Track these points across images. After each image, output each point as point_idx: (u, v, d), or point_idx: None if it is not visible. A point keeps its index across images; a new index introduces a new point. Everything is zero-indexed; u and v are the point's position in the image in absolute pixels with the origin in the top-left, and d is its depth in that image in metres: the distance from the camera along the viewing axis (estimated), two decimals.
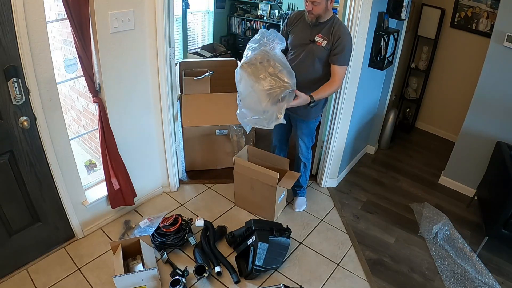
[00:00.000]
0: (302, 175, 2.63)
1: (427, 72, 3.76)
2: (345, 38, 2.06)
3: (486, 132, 2.75)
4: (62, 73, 2.33)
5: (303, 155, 2.53)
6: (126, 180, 2.36)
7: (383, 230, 2.60)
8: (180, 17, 5.09)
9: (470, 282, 2.19)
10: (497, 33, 2.50)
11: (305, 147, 2.49)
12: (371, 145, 3.57)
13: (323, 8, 2.01)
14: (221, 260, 2.18)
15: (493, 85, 2.62)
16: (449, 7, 3.44)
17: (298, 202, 2.70)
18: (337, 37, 2.05)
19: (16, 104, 1.73)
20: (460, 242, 2.46)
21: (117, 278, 1.83)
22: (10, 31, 1.58)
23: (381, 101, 3.34)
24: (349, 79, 2.52)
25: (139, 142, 2.45)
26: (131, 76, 2.21)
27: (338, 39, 2.05)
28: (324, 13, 2.05)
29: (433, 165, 3.42)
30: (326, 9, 2.03)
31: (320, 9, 2.01)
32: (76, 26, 1.77)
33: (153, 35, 2.19)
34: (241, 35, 6.04)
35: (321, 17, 2.06)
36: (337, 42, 2.05)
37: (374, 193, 3.00)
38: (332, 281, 2.16)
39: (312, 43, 2.12)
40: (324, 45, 2.09)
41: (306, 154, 2.54)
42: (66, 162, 2.07)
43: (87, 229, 2.35)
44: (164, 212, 2.53)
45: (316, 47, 2.11)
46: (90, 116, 2.77)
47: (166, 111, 2.46)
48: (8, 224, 1.94)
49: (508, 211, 2.18)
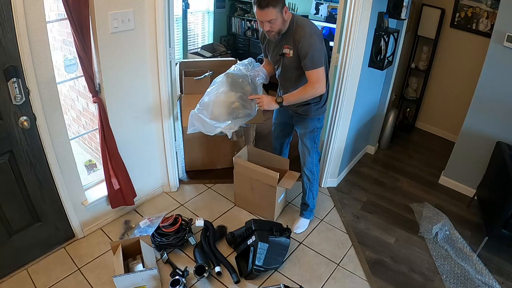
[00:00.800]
0: (308, 193, 2.47)
1: (427, 72, 3.76)
2: (305, 42, 1.92)
3: (486, 132, 2.75)
4: (62, 73, 2.33)
5: (306, 166, 2.37)
6: (126, 180, 2.36)
7: (383, 230, 2.60)
8: (180, 17, 5.08)
9: (470, 282, 2.19)
10: (497, 33, 2.50)
11: (308, 154, 2.33)
12: (371, 145, 3.57)
13: (281, 22, 1.91)
14: (221, 260, 2.18)
15: (493, 85, 2.62)
16: (449, 7, 3.44)
17: (299, 223, 2.52)
18: (298, 43, 1.95)
19: (16, 104, 1.73)
20: (460, 242, 2.46)
21: (117, 278, 1.83)
22: (10, 31, 1.58)
23: (381, 101, 3.34)
24: (349, 79, 2.52)
25: (139, 142, 2.45)
26: (131, 76, 2.21)
27: (299, 45, 1.94)
28: (283, 26, 1.94)
29: (433, 165, 3.42)
30: (283, 21, 1.92)
31: (278, 25, 1.91)
32: (76, 26, 1.77)
33: (153, 35, 2.19)
34: (241, 35, 6.04)
35: (282, 30, 1.96)
36: (299, 48, 1.95)
37: (374, 193, 3.00)
38: (332, 281, 2.16)
39: (282, 56, 2.06)
40: (292, 54, 2.01)
41: (309, 165, 2.37)
42: (66, 162, 2.07)
43: (87, 229, 2.35)
44: (164, 212, 2.53)
45: (287, 59, 2.05)
46: (90, 116, 2.77)
47: (166, 111, 2.46)
48: (8, 224, 1.94)
49: (508, 211, 2.18)
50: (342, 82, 2.53)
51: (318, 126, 2.30)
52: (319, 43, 1.95)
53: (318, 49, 1.95)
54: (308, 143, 2.33)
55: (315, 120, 2.26)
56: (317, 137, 2.33)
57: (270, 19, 1.86)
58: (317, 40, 1.94)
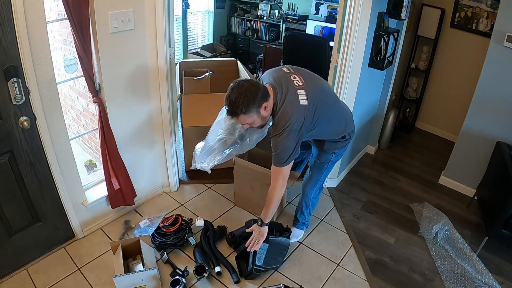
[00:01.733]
0: (300, 214, 2.40)
1: (427, 72, 3.76)
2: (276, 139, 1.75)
3: (486, 132, 2.75)
4: (62, 73, 2.33)
5: (304, 196, 2.30)
6: (126, 180, 2.36)
7: (383, 230, 2.60)
8: (180, 17, 5.09)
9: (470, 282, 2.19)
10: (497, 33, 2.50)
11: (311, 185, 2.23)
12: (371, 145, 3.57)
13: (260, 121, 1.79)
14: (221, 260, 2.18)
15: (493, 85, 2.62)
16: (449, 7, 3.44)
17: (293, 233, 2.38)
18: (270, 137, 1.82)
19: (16, 104, 1.73)
20: (460, 242, 2.46)
21: (117, 278, 1.83)
22: (10, 31, 1.58)
23: (381, 101, 3.34)
24: (349, 79, 2.52)
25: (139, 142, 2.45)
26: (131, 76, 2.20)
27: (271, 140, 1.81)
28: (264, 121, 1.83)
29: (433, 165, 3.42)
30: (263, 118, 1.78)
31: (257, 124, 1.81)
32: (76, 26, 1.77)
33: (153, 35, 2.19)
34: (241, 35, 6.05)
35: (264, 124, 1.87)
36: (271, 139, 1.81)
37: (374, 193, 3.00)
38: (332, 281, 2.16)
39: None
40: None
41: (307, 197, 2.29)
42: (66, 162, 2.07)
43: (87, 229, 2.35)
44: (164, 212, 2.53)
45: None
46: (90, 116, 2.77)
47: (166, 111, 2.46)
48: (8, 224, 1.94)
49: (508, 211, 2.18)
50: (342, 82, 2.53)
51: (332, 160, 2.11)
52: (290, 141, 1.74)
53: (288, 148, 1.75)
54: (315, 173, 2.19)
55: (329, 154, 2.06)
56: (326, 170, 2.16)
57: (245, 123, 1.79)
58: (288, 138, 1.73)
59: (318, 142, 2.09)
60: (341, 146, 2.06)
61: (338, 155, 2.11)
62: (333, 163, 2.15)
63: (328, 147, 2.05)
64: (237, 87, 1.69)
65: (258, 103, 1.69)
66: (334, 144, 2.03)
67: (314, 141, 2.12)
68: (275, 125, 1.77)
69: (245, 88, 1.67)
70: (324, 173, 2.18)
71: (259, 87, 1.71)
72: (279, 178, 1.87)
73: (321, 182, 2.24)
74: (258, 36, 5.86)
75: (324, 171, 2.17)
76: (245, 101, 1.66)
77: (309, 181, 2.25)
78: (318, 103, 1.79)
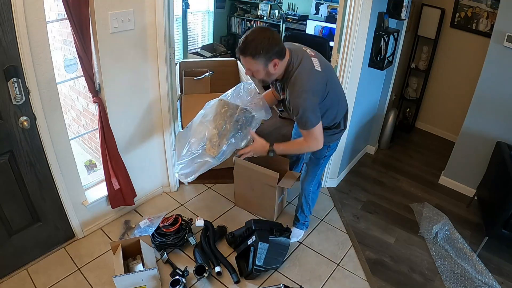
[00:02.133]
0: (300, 212, 2.40)
1: (427, 72, 3.76)
2: (295, 101, 1.71)
3: (486, 132, 2.75)
4: (62, 73, 2.33)
5: (303, 191, 2.30)
6: (126, 180, 2.36)
7: (383, 230, 2.60)
8: (180, 17, 5.08)
9: (470, 282, 2.19)
10: (497, 33, 2.50)
11: (308, 180, 2.23)
12: (371, 145, 3.57)
13: (264, 75, 1.72)
14: (221, 260, 2.18)
15: (493, 85, 2.62)
16: (449, 7, 3.44)
17: (293, 233, 2.38)
18: (288, 100, 1.76)
19: (16, 104, 1.73)
20: (460, 242, 2.46)
21: (117, 278, 1.83)
22: (10, 31, 1.58)
23: (381, 101, 3.34)
24: (349, 79, 2.52)
25: (139, 142, 2.45)
26: (131, 76, 2.20)
27: (290, 102, 1.75)
28: (269, 78, 1.76)
29: (433, 165, 3.42)
30: (269, 74, 1.72)
31: (260, 76, 1.74)
32: (76, 26, 1.77)
33: (153, 35, 2.19)
34: (241, 35, 6.01)
35: (267, 81, 1.82)
36: (290, 105, 1.76)
37: (374, 193, 3.00)
38: (332, 281, 2.16)
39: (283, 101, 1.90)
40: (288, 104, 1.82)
41: (306, 191, 2.28)
42: (66, 162, 2.07)
43: (87, 229, 2.35)
44: (164, 212, 2.53)
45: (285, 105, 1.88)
46: (90, 116, 2.77)
47: (166, 111, 2.46)
48: (8, 224, 1.94)
49: (508, 211, 2.18)
50: (342, 82, 2.53)
51: (327, 154, 2.10)
52: (309, 102, 1.71)
53: (309, 108, 1.71)
54: (311, 169, 2.20)
55: (324, 148, 1.99)
56: (322, 165, 2.17)
57: (248, 68, 1.71)
58: (307, 98, 1.70)
59: None
60: (335, 139, 2.06)
61: (332, 149, 2.11)
62: (328, 157, 2.15)
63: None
64: (259, 32, 1.64)
65: (270, 56, 1.64)
66: (328, 137, 1.99)
67: None
68: (291, 87, 1.73)
69: (266, 35, 1.62)
70: (321, 167, 2.19)
71: (280, 43, 1.66)
72: (309, 140, 1.82)
73: (318, 176, 2.25)
74: None
75: (320, 166, 2.18)
76: (259, 47, 1.60)
77: (306, 177, 2.25)
78: (329, 75, 1.82)
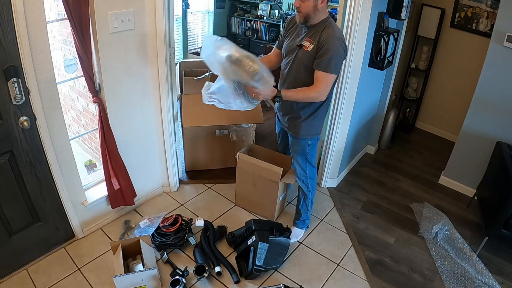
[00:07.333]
0: (302, 203, 2.39)
1: (427, 72, 3.76)
2: (332, 42, 1.79)
3: (486, 132, 2.75)
4: (62, 73, 2.33)
5: (298, 177, 2.30)
6: (126, 180, 2.36)
7: (383, 230, 2.60)
8: (180, 17, 5.08)
9: (470, 282, 2.19)
10: (497, 33, 2.50)
11: (299, 167, 2.24)
12: (371, 145, 3.57)
13: (312, 7, 1.79)
14: (221, 260, 2.18)
15: (493, 85, 2.62)
16: (449, 7, 3.44)
17: (293, 233, 2.36)
18: (323, 40, 1.81)
19: (16, 104, 1.73)
20: (460, 242, 2.46)
21: (117, 278, 1.83)
22: (10, 31, 1.58)
23: (381, 101, 3.34)
24: (349, 79, 2.52)
25: (139, 142, 2.45)
26: (131, 76, 2.21)
27: (324, 42, 1.81)
28: (313, 13, 1.82)
29: (433, 165, 3.42)
30: (315, 8, 1.80)
31: (308, 7, 1.80)
32: (76, 26, 1.77)
33: (153, 35, 2.19)
34: (241, 35, 6.04)
35: (310, 18, 1.84)
36: (322, 45, 1.81)
37: (374, 193, 3.00)
38: (332, 281, 2.16)
39: (299, 48, 1.92)
40: (311, 49, 1.86)
41: (301, 177, 2.28)
42: (66, 162, 2.07)
43: (87, 229, 2.35)
44: (164, 212, 2.53)
45: (302, 52, 1.90)
46: (90, 116, 2.77)
47: (166, 111, 2.46)
48: (8, 224, 1.94)
49: (508, 211, 2.18)
50: (342, 82, 2.53)
51: (310, 143, 2.15)
52: (342, 51, 1.84)
53: (340, 56, 1.85)
54: (299, 160, 2.22)
55: (306, 139, 2.11)
56: (309, 154, 2.18)
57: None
58: (341, 46, 1.83)
59: (293, 132, 2.13)
60: (315, 133, 2.11)
61: (314, 139, 2.15)
62: (313, 145, 2.16)
63: (303, 134, 2.09)
64: None
65: None
66: (308, 130, 2.07)
67: (291, 127, 2.13)
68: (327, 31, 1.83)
69: None
70: (308, 157, 2.19)
71: None
72: (328, 83, 1.87)
73: (309, 164, 2.22)
74: (258, 36, 5.86)
75: (307, 156, 2.18)
76: None
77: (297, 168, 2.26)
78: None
